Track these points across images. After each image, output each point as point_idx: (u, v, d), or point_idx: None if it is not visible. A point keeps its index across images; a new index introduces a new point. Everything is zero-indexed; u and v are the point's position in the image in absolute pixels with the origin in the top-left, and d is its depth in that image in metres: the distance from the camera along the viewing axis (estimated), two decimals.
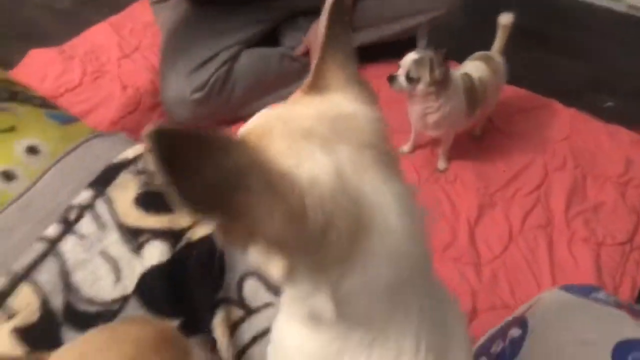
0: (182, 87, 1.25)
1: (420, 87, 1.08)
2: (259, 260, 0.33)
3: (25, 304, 0.62)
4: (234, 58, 1.30)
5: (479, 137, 1.43)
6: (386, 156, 0.35)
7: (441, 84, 1.08)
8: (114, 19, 1.61)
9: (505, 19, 1.28)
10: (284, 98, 0.40)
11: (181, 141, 0.26)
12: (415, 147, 1.35)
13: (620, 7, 1.98)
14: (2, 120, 0.79)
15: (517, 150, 1.39)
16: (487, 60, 1.27)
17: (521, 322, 0.59)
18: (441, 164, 1.33)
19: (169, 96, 1.28)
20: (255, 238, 0.30)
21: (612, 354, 0.48)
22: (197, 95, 1.25)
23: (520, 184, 1.32)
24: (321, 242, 0.31)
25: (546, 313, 0.61)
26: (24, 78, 1.05)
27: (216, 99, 1.27)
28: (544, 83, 1.58)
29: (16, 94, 0.86)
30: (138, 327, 0.49)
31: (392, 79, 1.09)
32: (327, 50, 0.38)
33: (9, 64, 1.37)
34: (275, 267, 0.32)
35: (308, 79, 0.39)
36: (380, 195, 0.33)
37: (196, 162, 0.26)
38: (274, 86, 1.38)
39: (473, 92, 1.17)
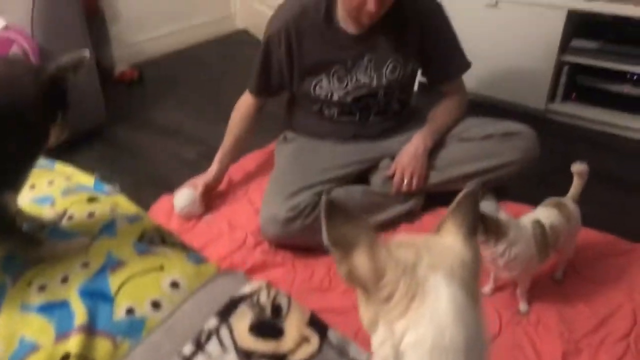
0: (277, 207, 1.61)
1: None
2: (359, 307, 0.60)
3: None
4: (327, 191, 1.64)
5: (561, 281, 1.54)
6: (462, 279, 0.57)
7: (492, 234, 1.27)
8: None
9: (578, 167, 1.46)
10: None
11: (337, 209, 0.59)
12: (496, 289, 1.50)
13: None
14: (156, 260, 1.14)
15: (602, 296, 1.48)
16: (560, 207, 1.43)
17: None
18: (522, 307, 1.45)
19: (265, 214, 1.64)
20: (352, 277, 0.58)
21: None
22: (288, 214, 1.58)
23: (607, 330, 1.39)
24: (390, 295, 0.56)
25: None
26: (155, 219, 1.42)
27: (304, 222, 1.59)
28: (627, 227, 1.70)
29: (165, 240, 1.22)
30: None
31: None
32: (452, 214, 0.64)
33: (145, 207, 1.80)
34: (364, 314, 0.59)
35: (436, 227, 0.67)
36: (437, 288, 0.56)
37: (339, 222, 0.59)
38: None
39: (544, 238, 1.34)
